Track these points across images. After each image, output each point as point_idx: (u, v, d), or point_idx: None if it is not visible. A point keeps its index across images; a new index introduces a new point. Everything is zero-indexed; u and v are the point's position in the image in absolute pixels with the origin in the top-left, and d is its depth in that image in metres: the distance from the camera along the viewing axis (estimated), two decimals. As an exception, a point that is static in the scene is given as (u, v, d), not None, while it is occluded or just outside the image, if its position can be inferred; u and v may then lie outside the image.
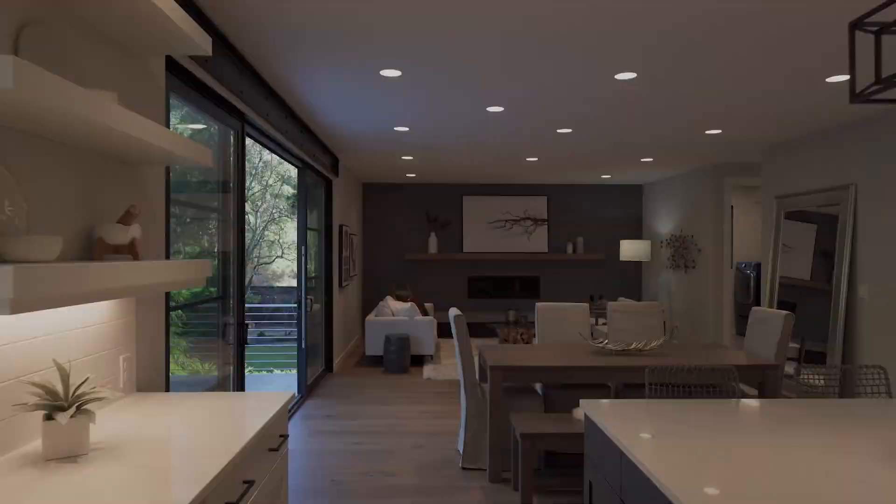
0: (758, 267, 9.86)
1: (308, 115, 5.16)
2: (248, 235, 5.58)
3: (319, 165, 6.32)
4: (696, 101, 4.60)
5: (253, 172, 20.62)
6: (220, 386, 3.66)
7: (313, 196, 6.86)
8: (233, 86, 3.50)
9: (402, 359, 7.24)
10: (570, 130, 5.79)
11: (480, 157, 7.44)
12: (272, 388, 6.89)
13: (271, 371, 11.50)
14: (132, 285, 1.71)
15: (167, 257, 2.67)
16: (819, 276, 5.82)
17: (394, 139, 6.21)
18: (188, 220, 3.60)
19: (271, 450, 2.07)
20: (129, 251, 1.93)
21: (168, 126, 2.76)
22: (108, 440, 1.74)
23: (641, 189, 10.57)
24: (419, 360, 7.95)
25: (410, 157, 7.46)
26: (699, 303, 8.27)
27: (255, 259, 19.39)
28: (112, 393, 1.75)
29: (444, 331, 10.23)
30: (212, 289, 3.74)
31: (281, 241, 20.21)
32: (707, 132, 5.85)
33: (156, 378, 2.53)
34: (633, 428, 2.03)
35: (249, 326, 5.78)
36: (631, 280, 10.54)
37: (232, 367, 3.72)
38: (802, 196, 6.12)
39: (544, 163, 7.89)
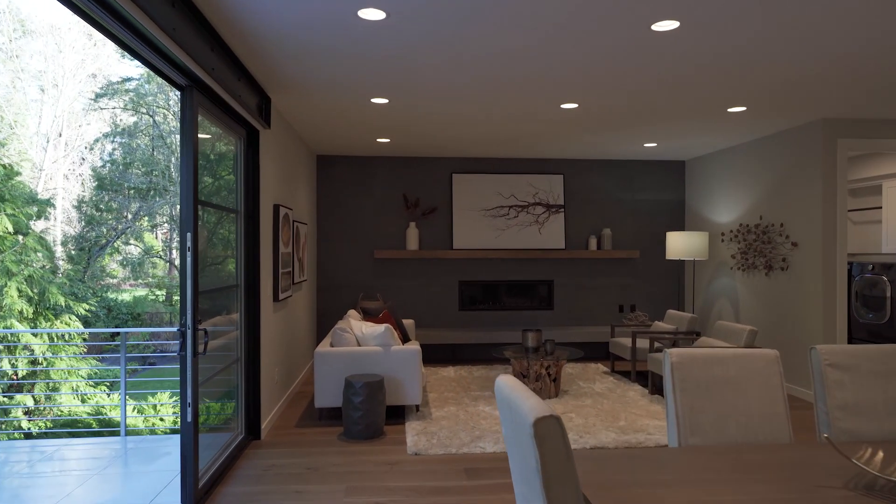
0: (851, 266, 7.48)
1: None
2: (201, 232, 3.17)
3: (231, 98, 3.62)
4: None
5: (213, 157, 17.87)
6: None
7: (221, 152, 4.14)
8: None
9: (372, 415, 4.56)
10: (676, 25, 3.22)
11: (494, 96, 4.81)
12: (152, 473, 4.11)
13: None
14: None
15: None
16: None
17: (357, 44, 3.55)
18: None
19: None
20: None
21: None
22: None
23: (683, 166, 8.09)
24: (399, 413, 5.27)
25: (384, 100, 4.80)
26: (797, 320, 5.79)
27: (209, 259, 17.26)
28: None
29: (430, 355, 7.58)
30: None
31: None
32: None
33: None
34: None
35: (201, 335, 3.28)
36: (673, 285, 8.05)
37: None
38: None
39: (583, 114, 5.30)
